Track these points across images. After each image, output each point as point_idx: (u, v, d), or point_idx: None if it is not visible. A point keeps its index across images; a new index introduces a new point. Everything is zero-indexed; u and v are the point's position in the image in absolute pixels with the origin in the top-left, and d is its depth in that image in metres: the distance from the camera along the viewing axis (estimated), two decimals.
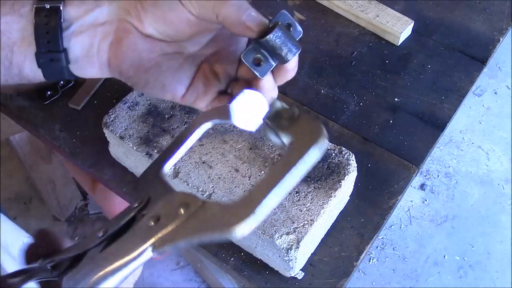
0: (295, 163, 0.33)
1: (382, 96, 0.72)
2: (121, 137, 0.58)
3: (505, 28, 0.80)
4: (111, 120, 0.60)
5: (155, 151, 0.57)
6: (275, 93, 0.46)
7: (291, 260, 0.52)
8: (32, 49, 0.45)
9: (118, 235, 0.37)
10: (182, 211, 0.35)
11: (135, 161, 0.61)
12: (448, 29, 0.80)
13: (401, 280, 1.52)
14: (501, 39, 0.78)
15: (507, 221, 1.61)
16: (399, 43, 0.78)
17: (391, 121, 0.70)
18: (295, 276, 0.56)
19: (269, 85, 0.45)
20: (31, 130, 0.72)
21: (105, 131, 0.61)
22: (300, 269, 0.57)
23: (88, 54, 0.46)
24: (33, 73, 0.46)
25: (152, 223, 0.36)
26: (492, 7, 0.82)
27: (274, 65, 0.44)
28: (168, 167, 0.44)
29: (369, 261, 1.55)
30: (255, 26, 0.42)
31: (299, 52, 0.43)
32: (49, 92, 0.73)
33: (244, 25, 0.42)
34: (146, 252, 0.35)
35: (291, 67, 0.45)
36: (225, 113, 0.44)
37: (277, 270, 0.57)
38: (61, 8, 0.44)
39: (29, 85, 0.47)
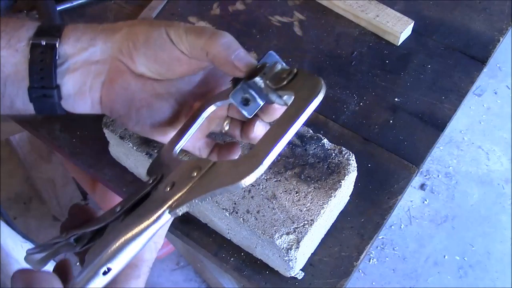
0: (297, 117, 0.36)
1: (382, 96, 0.72)
2: (121, 137, 0.58)
3: (505, 28, 0.80)
4: (111, 120, 0.60)
5: (155, 151, 0.57)
6: (264, 131, 0.48)
7: (291, 260, 0.52)
8: (25, 83, 0.45)
9: (136, 208, 0.39)
10: (195, 173, 0.38)
11: (135, 161, 0.61)
12: (448, 29, 0.80)
13: (401, 280, 1.52)
14: (501, 39, 0.78)
15: (507, 221, 1.61)
16: (399, 43, 0.78)
17: (391, 121, 0.70)
18: (295, 276, 0.56)
19: (259, 129, 0.48)
20: (31, 130, 0.72)
21: (105, 131, 0.61)
22: (300, 269, 0.57)
23: (80, 91, 0.46)
24: (24, 106, 0.46)
25: (168, 188, 0.38)
26: (492, 7, 0.82)
27: (262, 104, 0.45)
28: (178, 148, 0.46)
29: (369, 261, 1.55)
30: (243, 66, 0.43)
31: None
32: None
33: (232, 64, 0.43)
34: (164, 215, 0.37)
35: (278, 106, 0.46)
36: (226, 95, 0.46)
37: (277, 270, 0.57)
38: (57, 45, 0.44)
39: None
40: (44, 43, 0.44)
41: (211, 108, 0.47)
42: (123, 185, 0.65)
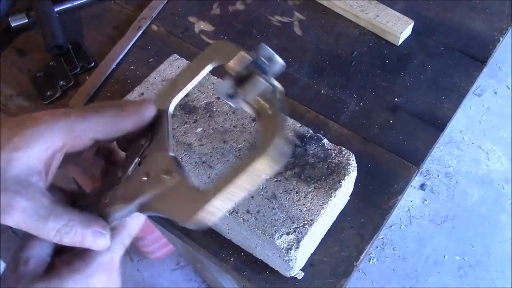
0: (245, 171, 0.36)
1: (382, 96, 0.72)
2: None
3: (505, 28, 0.80)
4: None
5: None
6: None
7: (291, 260, 0.52)
8: None
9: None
10: (164, 177, 0.40)
11: None
12: (448, 29, 0.80)
13: (401, 280, 1.52)
14: (501, 39, 0.78)
15: (507, 221, 1.61)
16: (399, 43, 0.78)
17: (391, 121, 0.70)
18: (295, 276, 0.56)
19: None
20: None
21: None
22: (300, 269, 0.57)
23: None
24: None
25: (144, 178, 0.41)
26: (492, 7, 0.83)
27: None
28: (172, 106, 0.46)
29: (369, 261, 1.55)
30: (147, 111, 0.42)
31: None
32: (49, 92, 0.73)
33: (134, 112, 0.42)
34: (133, 212, 0.40)
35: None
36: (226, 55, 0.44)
37: (277, 270, 0.57)
38: None
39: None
40: None
41: (209, 68, 0.46)
42: None
